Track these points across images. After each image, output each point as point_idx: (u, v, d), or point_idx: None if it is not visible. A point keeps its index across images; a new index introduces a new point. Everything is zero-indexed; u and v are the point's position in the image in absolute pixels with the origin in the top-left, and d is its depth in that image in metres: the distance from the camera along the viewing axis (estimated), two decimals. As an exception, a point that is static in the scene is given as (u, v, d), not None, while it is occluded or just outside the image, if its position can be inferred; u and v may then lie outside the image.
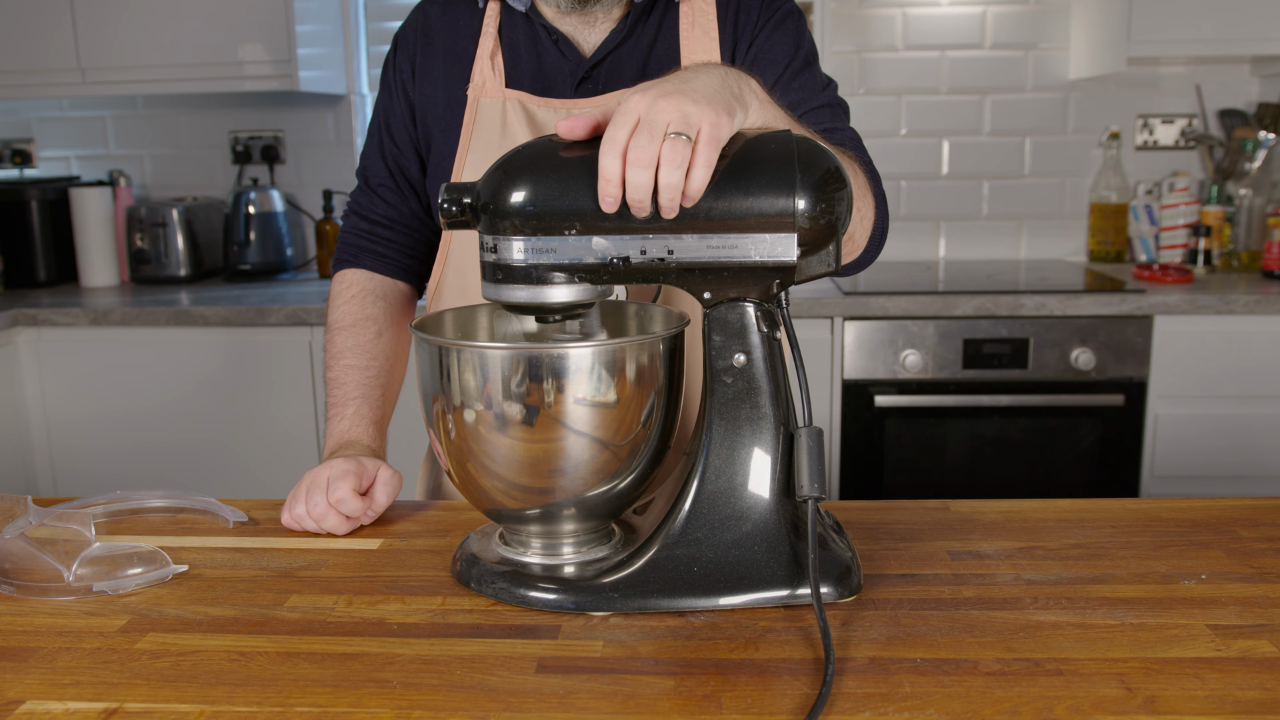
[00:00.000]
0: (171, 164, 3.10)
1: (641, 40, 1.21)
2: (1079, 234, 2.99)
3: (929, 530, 1.05)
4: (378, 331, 1.26)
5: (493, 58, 1.21)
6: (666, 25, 1.22)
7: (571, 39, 1.21)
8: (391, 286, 1.31)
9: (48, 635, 0.86)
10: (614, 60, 1.20)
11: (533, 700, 0.75)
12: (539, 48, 1.21)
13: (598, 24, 1.21)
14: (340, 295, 1.29)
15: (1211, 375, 2.39)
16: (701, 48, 1.20)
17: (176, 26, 2.66)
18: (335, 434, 1.20)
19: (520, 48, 1.22)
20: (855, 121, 2.94)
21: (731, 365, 0.88)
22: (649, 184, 0.79)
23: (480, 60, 1.22)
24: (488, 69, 1.21)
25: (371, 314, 1.27)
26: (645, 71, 1.20)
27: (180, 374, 2.51)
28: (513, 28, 1.22)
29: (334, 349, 1.26)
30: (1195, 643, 0.82)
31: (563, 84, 1.20)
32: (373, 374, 1.24)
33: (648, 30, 1.21)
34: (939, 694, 0.75)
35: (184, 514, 1.14)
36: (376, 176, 1.30)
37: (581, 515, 0.91)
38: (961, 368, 2.41)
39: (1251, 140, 2.76)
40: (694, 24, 1.21)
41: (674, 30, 1.21)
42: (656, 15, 1.21)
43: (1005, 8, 2.89)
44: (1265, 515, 1.09)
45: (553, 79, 1.21)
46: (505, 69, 1.22)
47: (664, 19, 1.22)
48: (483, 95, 1.21)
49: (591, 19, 1.20)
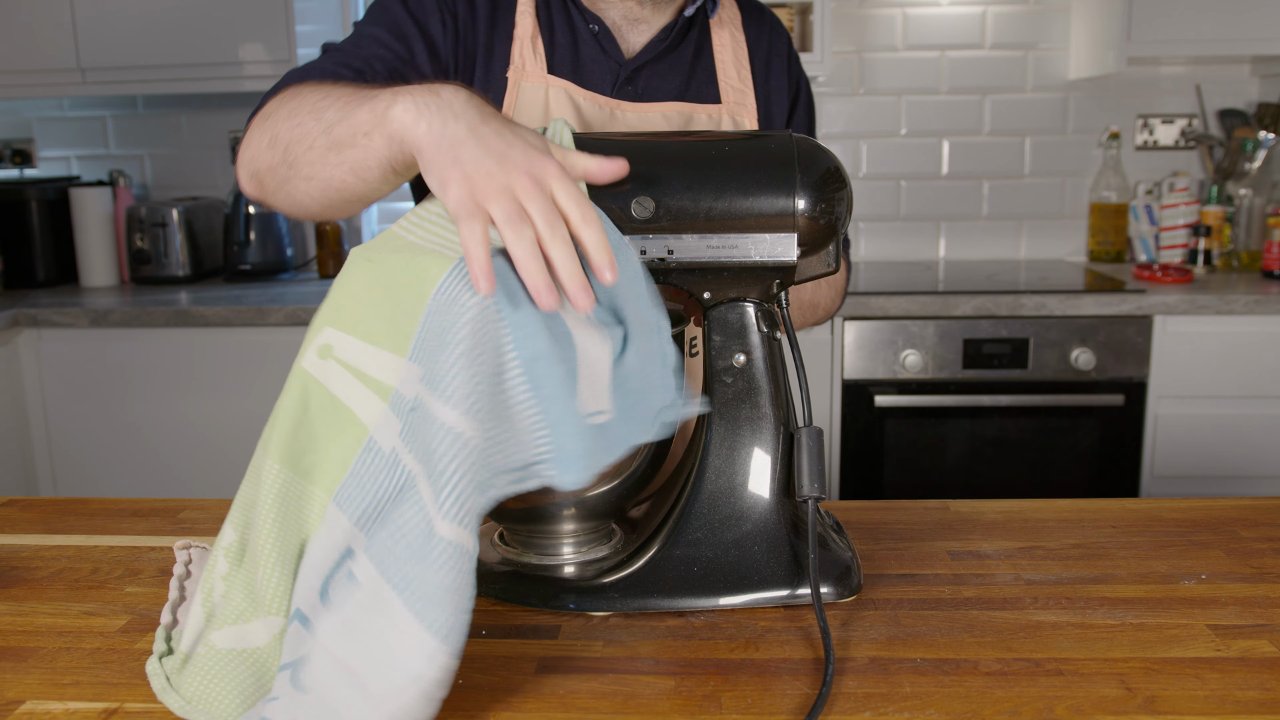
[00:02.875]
0: (171, 164, 3.10)
1: (683, 54, 1.19)
2: (1079, 234, 2.99)
3: (929, 530, 1.05)
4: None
5: (533, 40, 1.14)
6: (705, 46, 1.21)
7: (615, 33, 1.16)
8: None
9: (48, 635, 0.86)
10: (655, 68, 1.17)
11: (533, 700, 0.75)
12: (577, 37, 1.16)
13: (642, 23, 1.17)
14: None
15: (1211, 375, 2.39)
16: (737, 75, 1.21)
17: (176, 26, 2.66)
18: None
19: (557, 32, 1.16)
20: (855, 121, 2.95)
21: (731, 365, 0.88)
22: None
23: (519, 42, 1.13)
24: (528, 51, 1.13)
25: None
26: (689, 86, 1.19)
27: (180, 374, 2.51)
28: (549, 10, 1.16)
29: (312, 97, 0.91)
30: (1195, 643, 0.82)
31: (601, 80, 1.16)
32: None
33: (687, 46, 1.19)
34: (939, 694, 0.75)
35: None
36: (364, 57, 1.05)
37: (581, 515, 0.91)
38: (961, 368, 2.41)
39: (1251, 140, 2.76)
40: (730, 50, 1.21)
41: (710, 52, 1.21)
42: (695, 33, 1.20)
43: (1005, 8, 2.89)
44: (1265, 515, 1.09)
45: (591, 73, 1.16)
46: (545, 53, 1.15)
47: (702, 39, 1.21)
48: (524, 79, 1.13)
49: (640, 14, 1.16)
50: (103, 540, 1.06)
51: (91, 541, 1.06)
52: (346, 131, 0.85)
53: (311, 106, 0.90)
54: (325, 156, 0.88)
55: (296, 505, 0.77)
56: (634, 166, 0.85)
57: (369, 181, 0.87)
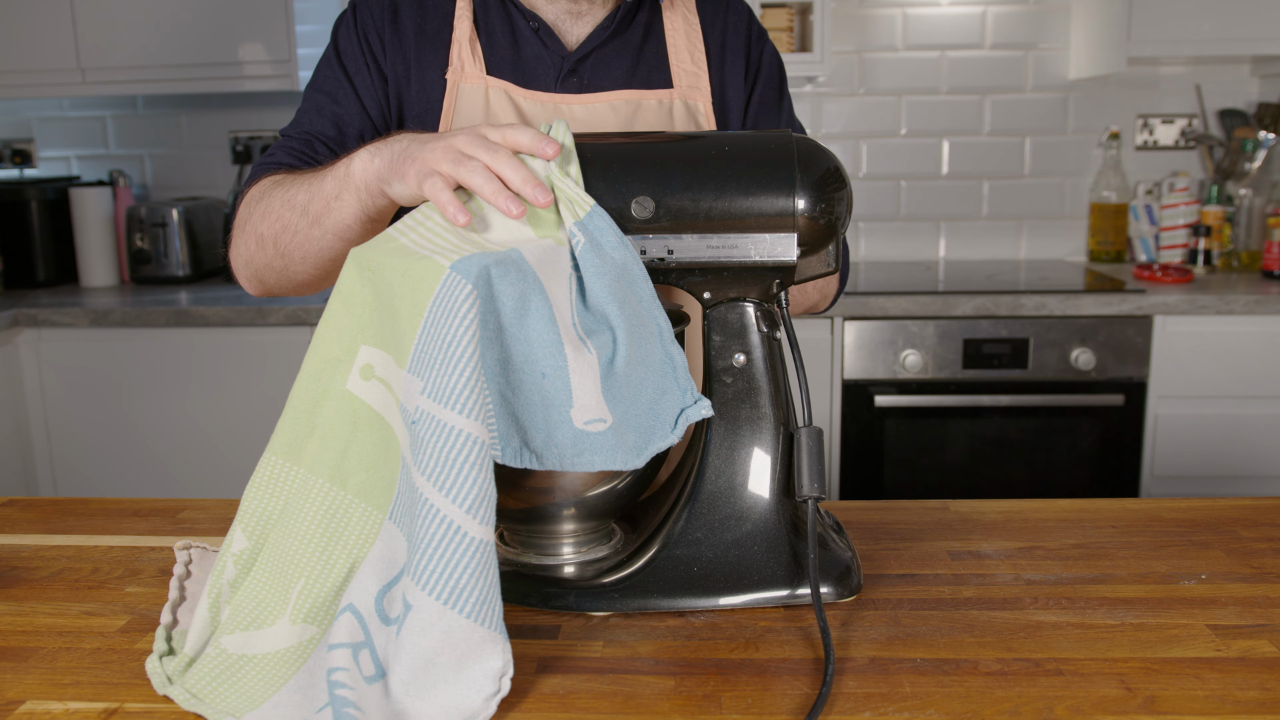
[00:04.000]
0: (171, 164, 3.10)
1: (630, 39, 1.18)
2: (1079, 234, 2.99)
3: (929, 530, 1.05)
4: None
5: (471, 42, 1.15)
6: (654, 29, 1.19)
7: (554, 29, 1.16)
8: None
9: (48, 635, 0.86)
10: (601, 56, 1.17)
11: (533, 700, 0.75)
12: (517, 36, 1.16)
13: (583, 16, 1.16)
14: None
15: (1211, 375, 2.39)
16: (690, 57, 1.19)
17: (176, 26, 2.66)
18: (357, 156, 0.95)
19: (497, 34, 1.16)
20: (855, 121, 2.95)
21: (731, 365, 0.88)
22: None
23: (458, 44, 1.15)
24: (467, 54, 1.15)
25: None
26: (636, 72, 1.18)
27: (180, 374, 2.51)
28: (486, 12, 1.17)
29: (279, 192, 1.04)
30: (1195, 643, 0.82)
31: (545, 76, 1.16)
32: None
33: (634, 30, 1.19)
34: (939, 694, 0.75)
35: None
36: (321, 129, 1.15)
37: (581, 515, 0.91)
38: (961, 368, 2.41)
39: (1251, 140, 2.76)
40: (681, 32, 1.19)
41: (661, 35, 1.20)
42: (643, 16, 1.19)
43: (1005, 8, 2.89)
44: (1265, 515, 1.09)
45: (534, 70, 1.16)
46: (484, 55, 1.16)
47: (651, 22, 1.19)
48: (463, 81, 1.14)
49: (578, 10, 1.16)
50: (103, 540, 1.06)
51: (91, 541, 1.06)
52: (320, 205, 0.98)
53: (281, 199, 1.04)
54: (310, 233, 1.01)
55: (344, 522, 0.80)
56: (634, 166, 0.85)
57: (352, 240, 1.00)
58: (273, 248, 1.05)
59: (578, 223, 0.81)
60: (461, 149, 0.83)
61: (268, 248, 1.06)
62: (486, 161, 0.82)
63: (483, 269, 0.74)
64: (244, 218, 1.09)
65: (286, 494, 0.81)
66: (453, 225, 0.81)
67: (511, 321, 0.76)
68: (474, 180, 0.81)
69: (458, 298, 0.73)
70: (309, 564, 0.79)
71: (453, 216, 0.80)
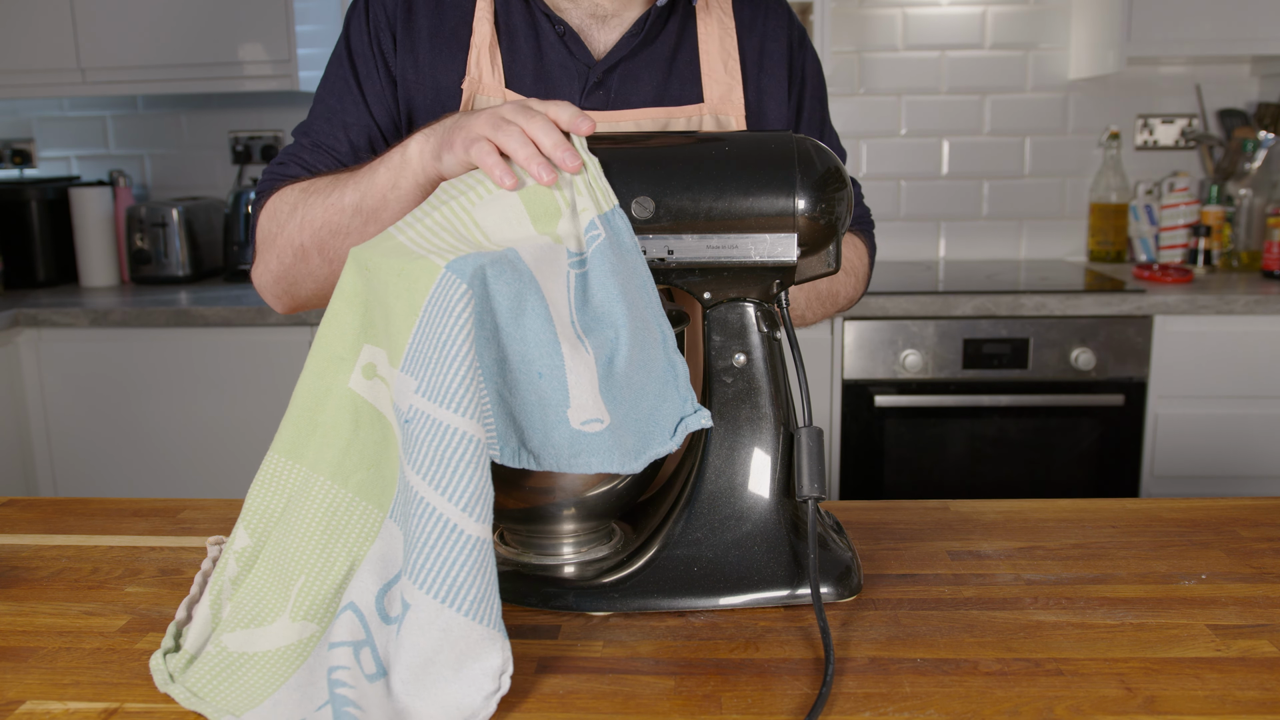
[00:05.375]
0: (171, 164, 3.10)
1: (660, 49, 1.10)
2: (1079, 234, 2.99)
3: (929, 530, 1.05)
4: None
5: (491, 49, 1.08)
6: (688, 36, 1.11)
7: (581, 35, 1.09)
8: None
9: (48, 635, 0.86)
10: (629, 68, 1.09)
11: (533, 700, 0.75)
12: (541, 41, 1.09)
13: (610, 21, 1.09)
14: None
15: (1211, 375, 2.39)
16: (724, 66, 1.11)
17: (176, 26, 2.66)
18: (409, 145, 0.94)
19: (519, 38, 1.09)
20: (855, 121, 2.95)
21: (731, 365, 0.88)
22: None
23: (477, 50, 1.08)
24: (485, 62, 1.08)
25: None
26: (667, 88, 1.10)
27: (180, 374, 2.51)
28: (509, 13, 1.09)
29: (317, 200, 1.01)
30: (1195, 643, 0.82)
31: (569, 86, 1.09)
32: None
33: (666, 38, 1.10)
34: (939, 694, 0.75)
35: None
36: (329, 141, 1.11)
37: (581, 515, 0.91)
38: (961, 368, 2.41)
39: (1251, 140, 2.76)
40: (716, 38, 1.11)
41: (694, 43, 1.12)
42: (675, 23, 1.11)
43: (1005, 8, 2.89)
44: (1265, 515, 1.09)
45: (558, 80, 1.09)
46: (504, 64, 1.09)
47: (684, 28, 1.11)
48: (479, 92, 1.08)
49: (605, 12, 1.09)
50: (103, 540, 1.06)
51: (91, 541, 1.06)
52: (375, 199, 0.96)
53: (323, 205, 1.00)
54: (365, 231, 0.98)
55: (345, 520, 0.80)
56: (634, 166, 0.85)
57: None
58: (318, 255, 1.02)
59: (601, 215, 0.81)
60: (504, 115, 0.85)
61: (311, 257, 1.02)
62: (523, 125, 0.84)
63: (478, 269, 0.74)
64: (272, 232, 1.05)
65: (289, 492, 0.81)
66: (450, 224, 0.81)
67: (507, 321, 0.76)
68: (510, 144, 0.83)
69: (452, 297, 0.73)
70: (309, 562, 0.79)
71: (499, 179, 0.82)
